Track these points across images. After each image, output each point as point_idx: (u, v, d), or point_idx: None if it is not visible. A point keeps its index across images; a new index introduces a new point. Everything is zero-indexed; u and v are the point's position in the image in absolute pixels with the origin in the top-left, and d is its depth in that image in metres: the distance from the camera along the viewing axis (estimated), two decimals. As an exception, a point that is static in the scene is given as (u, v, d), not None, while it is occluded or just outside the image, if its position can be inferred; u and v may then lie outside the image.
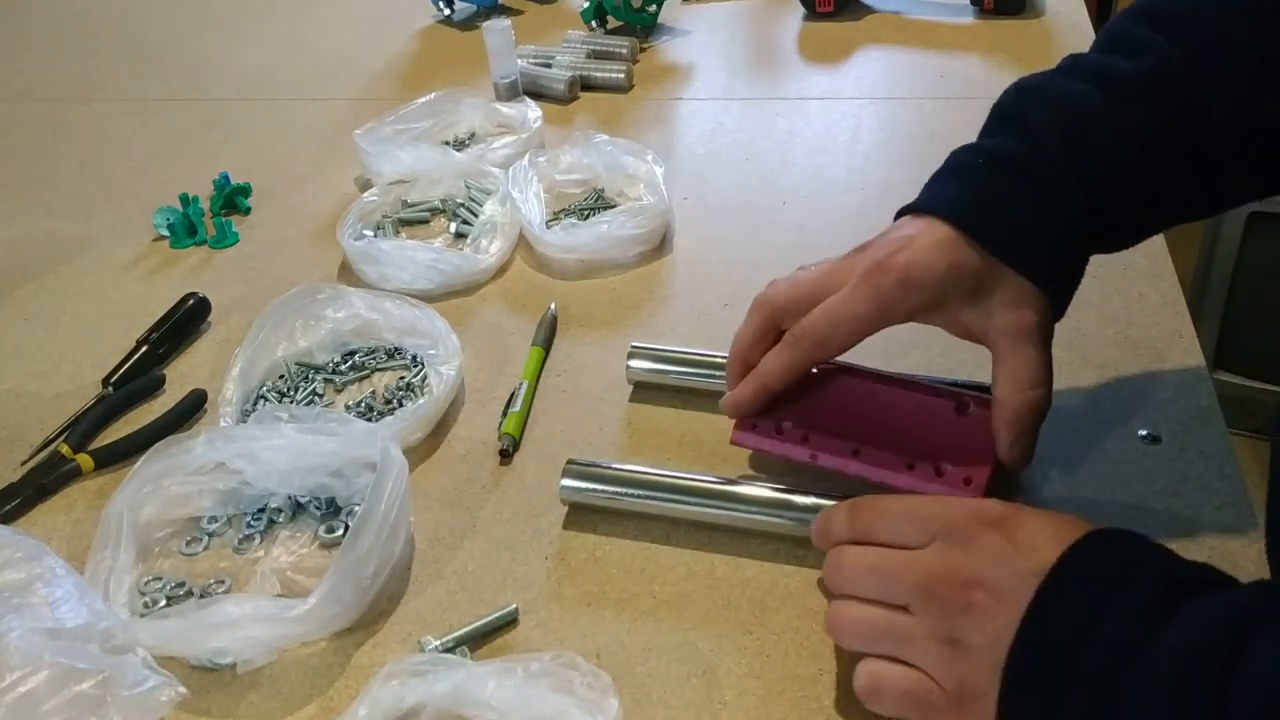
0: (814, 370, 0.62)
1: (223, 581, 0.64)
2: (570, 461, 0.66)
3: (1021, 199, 0.57)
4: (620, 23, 1.29)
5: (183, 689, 0.53)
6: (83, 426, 0.76)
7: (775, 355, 0.61)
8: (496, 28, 1.11)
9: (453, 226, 0.95)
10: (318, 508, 0.67)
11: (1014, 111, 0.61)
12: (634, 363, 0.75)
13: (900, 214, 0.62)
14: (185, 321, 0.85)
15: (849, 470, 0.61)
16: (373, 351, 0.81)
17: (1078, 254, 0.59)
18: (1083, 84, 0.59)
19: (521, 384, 0.76)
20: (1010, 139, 0.59)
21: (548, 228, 0.91)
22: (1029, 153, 0.58)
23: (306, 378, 0.79)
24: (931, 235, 0.57)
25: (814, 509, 0.60)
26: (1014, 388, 0.56)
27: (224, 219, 0.99)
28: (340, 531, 0.66)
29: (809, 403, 0.63)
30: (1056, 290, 0.58)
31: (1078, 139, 0.57)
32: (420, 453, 0.72)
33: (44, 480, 0.72)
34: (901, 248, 0.58)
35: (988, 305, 0.57)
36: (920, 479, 0.59)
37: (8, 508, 0.70)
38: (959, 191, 0.59)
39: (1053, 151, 0.57)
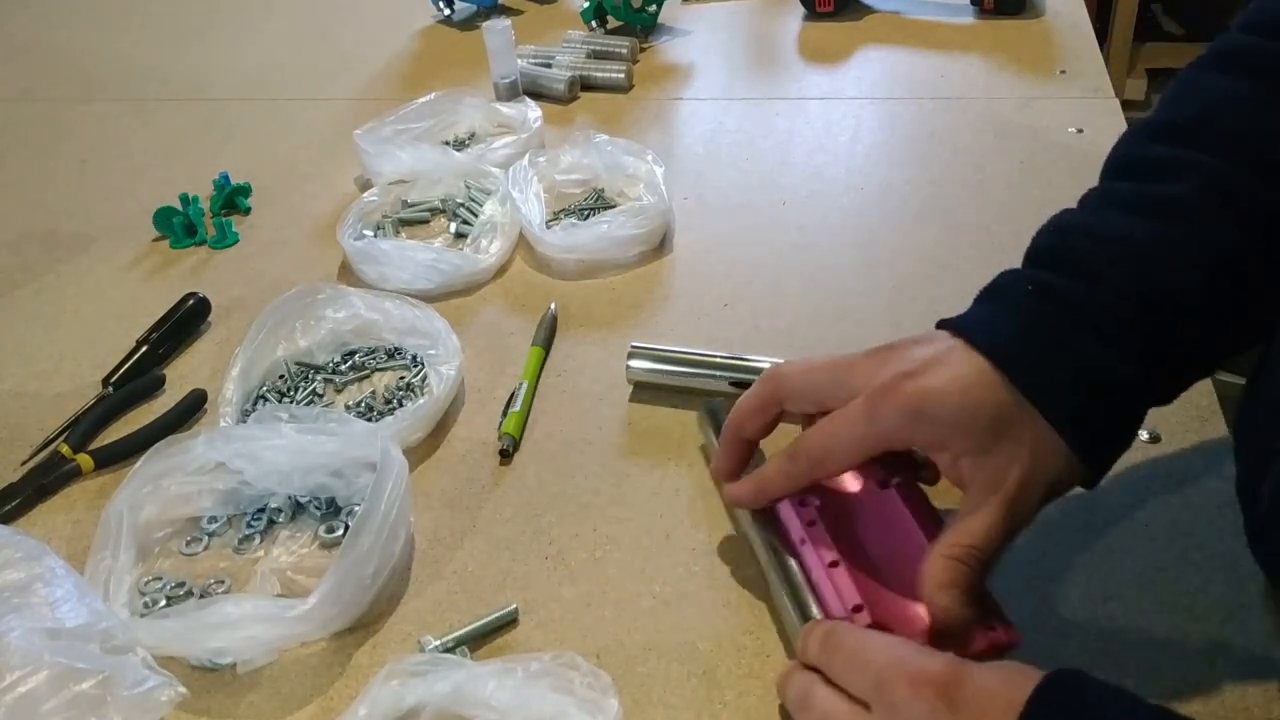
0: (881, 470, 0.57)
1: (223, 581, 0.64)
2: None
3: (1069, 336, 0.51)
4: (620, 23, 1.29)
5: (183, 689, 0.53)
6: (83, 426, 0.76)
7: (776, 464, 0.57)
8: (496, 28, 1.11)
9: (453, 226, 0.95)
10: (318, 508, 0.67)
11: (1057, 250, 0.54)
12: (634, 363, 0.75)
13: (940, 325, 0.55)
14: (185, 321, 0.85)
15: (814, 577, 0.56)
16: (373, 351, 0.81)
17: (1124, 407, 0.52)
18: (1128, 216, 0.53)
19: (521, 384, 0.76)
20: (1059, 276, 0.53)
21: (548, 228, 0.91)
22: (1081, 290, 0.52)
23: (306, 378, 0.79)
24: (955, 367, 0.52)
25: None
26: (955, 532, 0.51)
27: (224, 219, 0.99)
28: (340, 531, 0.66)
29: (842, 496, 0.59)
30: (1092, 447, 0.51)
31: (1139, 275, 0.51)
32: (420, 453, 0.72)
33: (44, 480, 0.72)
34: (918, 371, 0.52)
35: (988, 455, 0.51)
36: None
37: (8, 508, 0.70)
38: (1000, 319, 0.53)
39: (1109, 289, 0.51)
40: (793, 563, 0.57)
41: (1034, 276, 0.54)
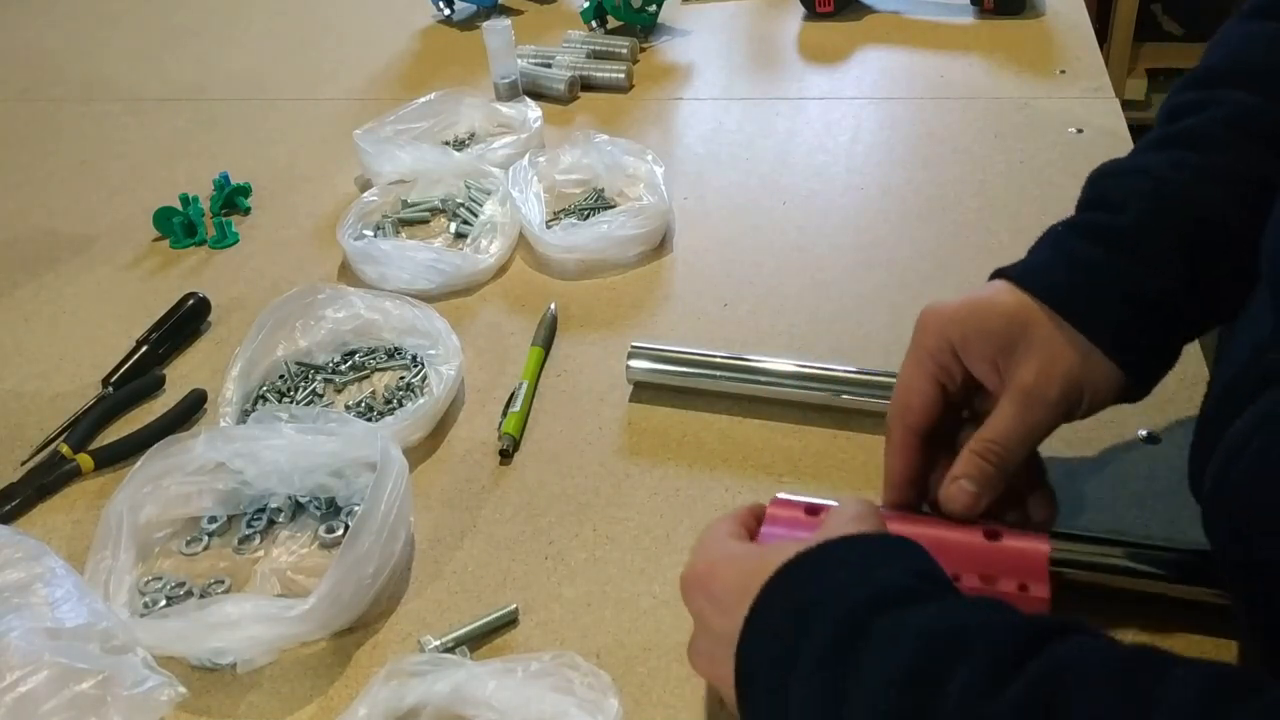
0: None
1: (223, 581, 0.64)
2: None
3: (1087, 251, 0.54)
4: (620, 23, 1.29)
5: (183, 689, 0.53)
6: (83, 426, 0.76)
7: (887, 450, 0.58)
8: (496, 28, 1.11)
9: (453, 226, 0.95)
10: (318, 508, 0.67)
11: (1090, 195, 0.58)
12: (634, 363, 0.75)
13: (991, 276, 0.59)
14: (185, 321, 0.85)
15: None
16: (373, 351, 0.81)
17: (1151, 313, 0.54)
18: (1160, 153, 0.56)
19: (521, 384, 0.76)
20: (1088, 213, 0.57)
21: (548, 228, 0.91)
22: (1105, 219, 0.55)
23: (306, 378, 0.79)
24: (983, 290, 0.56)
25: None
26: (980, 430, 0.54)
27: (224, 219, 0.99)
28: (340, 531, 0.66)
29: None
30: (1118, 344, 0.53)
31: (1170, 200, 0.54)
32: (420, 453, 0.72)
33: (44, 480, 0.72)
34: (954, 299, 0.56)
35: (1012, 355, 0.54)
36: None
37: (8, 508, 0.70)
38: (1036, 258, 0.57)
39: (1142, 218, 0.54)
40: None
41: (1069, 220, 0.58)
